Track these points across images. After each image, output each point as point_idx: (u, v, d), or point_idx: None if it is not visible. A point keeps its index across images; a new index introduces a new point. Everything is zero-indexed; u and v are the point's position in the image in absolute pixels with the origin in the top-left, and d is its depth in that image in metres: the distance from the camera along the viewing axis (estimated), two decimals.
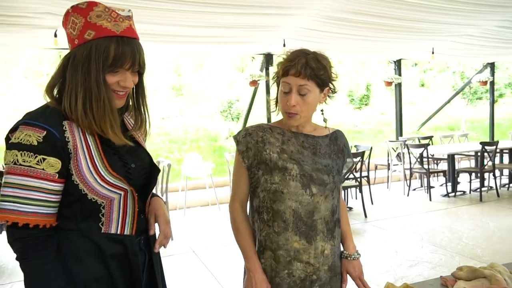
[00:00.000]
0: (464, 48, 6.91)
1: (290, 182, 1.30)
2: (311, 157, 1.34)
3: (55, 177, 1.02)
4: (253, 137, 1.35)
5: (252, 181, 1.38)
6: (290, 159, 1.32)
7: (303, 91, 1.28)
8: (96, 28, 1.04)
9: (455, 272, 1.44)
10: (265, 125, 1.39)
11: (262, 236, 1.37)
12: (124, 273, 1.14)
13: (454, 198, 6.24)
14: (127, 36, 1.06)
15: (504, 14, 5.00)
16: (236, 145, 1.38)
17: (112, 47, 1.04)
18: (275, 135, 1.36)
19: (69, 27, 1.07)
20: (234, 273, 3.65)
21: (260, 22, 5.06)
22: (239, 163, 1.39)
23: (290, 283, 1.32)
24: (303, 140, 1.37)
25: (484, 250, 3.92)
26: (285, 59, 1.32)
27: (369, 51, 6.97)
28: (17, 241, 1.01)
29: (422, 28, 5.50)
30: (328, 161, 1.37)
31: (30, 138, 1.00)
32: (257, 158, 1.34)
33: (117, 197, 1.12)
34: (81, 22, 1.04)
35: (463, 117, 12.96)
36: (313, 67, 1.26)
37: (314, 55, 1.29)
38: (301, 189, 1.31)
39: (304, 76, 1.26)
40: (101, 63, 1.04)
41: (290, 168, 1.31)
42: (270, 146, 1.33)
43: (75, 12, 1.06)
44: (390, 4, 4.48)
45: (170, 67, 12.50)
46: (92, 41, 1.04)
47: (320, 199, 1.33)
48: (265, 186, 1.33)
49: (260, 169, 1.34)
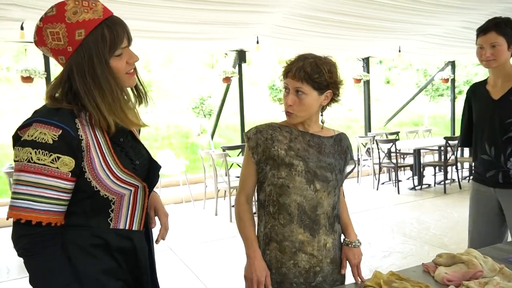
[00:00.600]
0: (428, 47, 7.22)
1: (296, 177, 1.38)
2: (316, 155, 1.42)
3: (68, 176, 1.02)
4: (263, 134, 1.43)
5: (259, 176, 1.46)
6: (297, 156, 1.40)
7: (299, 93, 1.36)
8: (82, 24, 1.01)
9: (435, 259, 1.54)
10: (275, 124, 1.48)
11: (268, 229, 1.43)
12: (131, 267, 1.17)
13: (420, 191, 6.54)
14: (109, 17, 1.05)
15: (465, 15, 5.28)
16: (247, 141, 1.46)
17: (106, 32, 1.03)
18: (283, 133, 1.44)
19: (50, 40, 1.02)
20: (214, 269, 3.68)
21: (234, 19, 5.07)
22: (248, 158, 1.46)
23: (295, 273, 1.39)
24: (309, 139, 1.45)
25: (450, 239, 4.15)
26: (288, 62, 1.40)
27: (339, 48, 7.13)
28: (25, 237, 1.00)
29: (389, 27, 5.71)
30: (331, 160, 1.45)
31: (45, 136, 0.99)
32: (265, 154, 1.42)
33: (127, 193, 1.13)
34: (62, 28, 1.01)
35: (426, 113, 13.53)
36: (307, 71, 1.33)
37: (314, 60, 1.36)
38: (305, 184, 1.39)
39: (299, 79, 1.34)
40: (102, 54, 1.03)
41: (296, 164, 1.39)
42: (278, 143, 1.41)
43: (48, 23, 1.02)
44: (360, 3, 4.62)
45: (139, 62, 12.27)
46: (86, 38, 1.02)
47: (323, 195, 1.41)
48: (272, 180, 1.41)
49: (268, 164, 1.42)
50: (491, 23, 1.98)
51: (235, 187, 5.64)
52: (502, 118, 2.01)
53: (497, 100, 2.05)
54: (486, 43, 1.98)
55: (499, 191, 2.08)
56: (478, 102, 2.17)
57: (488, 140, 2.08)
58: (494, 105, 2.05)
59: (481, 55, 2.02)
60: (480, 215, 2.20)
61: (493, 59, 1.99)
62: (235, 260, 3.83)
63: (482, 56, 2.01)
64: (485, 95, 2.12)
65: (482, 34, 2.00)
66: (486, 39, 1.98)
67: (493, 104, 2.06)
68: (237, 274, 3.50)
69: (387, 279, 1.37)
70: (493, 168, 2.06)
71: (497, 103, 2.04)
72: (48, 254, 1.02)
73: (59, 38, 1.02)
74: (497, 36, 1.96)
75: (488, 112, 2.07)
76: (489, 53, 1.98)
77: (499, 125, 2.02)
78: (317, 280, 1.42)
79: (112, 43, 1.04)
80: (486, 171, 2.10)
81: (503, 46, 1.97)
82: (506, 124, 2.00)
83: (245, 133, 1.50)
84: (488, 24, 1.98)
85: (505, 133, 2.01)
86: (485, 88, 2.13)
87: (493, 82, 2.10)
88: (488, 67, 2.05)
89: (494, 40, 1.96)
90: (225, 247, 4.26)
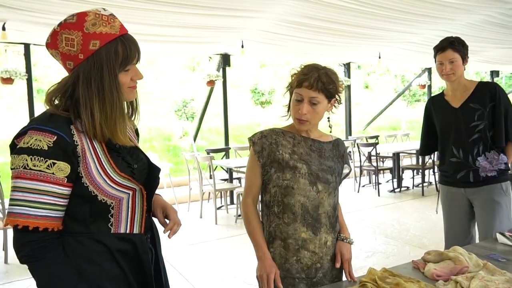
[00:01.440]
0: (407, 53, 7.47)
1: (299, 179, 1.47)
2: (318, 159, 1.52)
3: (64, 181, 1.04)
4: (267, 139, 1.52)
5: (264, 178, 1.54)
6: (300, 159, 1.49)
7: (314, 102, 1.44)
8: (98, 36, 1.05)
9: (424, 256, 1.64)
10: (278, 129, 1.56)
11: (272, 228, 1.51)
12: (135, 271, 1.18)
13: (400, 193, 6.74)
14: (124, 34, 1.10)
15: (440, 25, 5.51)
16: (252, 146, 1.54)
17: (120, 48, 1.07)
18: (286, 138, 1.53)
19: (63, 45, 1.05)
20: (201, 271, 3.70)
21: (220, 23, 5.12)
22: (254, 161, 1.54)
23: (298, 268, 1.47)
24: (311, 144, 1.54)
25: (430, 239, 4.31)
26: (299, 72, 1.47)
27: (323, 54, 7.29)
28: (27, 245, 1.02)
29: (371, 34, 5.88)
30: (331, 163, 1.55)
31: (40, 143, 1.01)
32: (270, 158, 1.50)
33: (125, 197, 1.15)
34: (78, 36, 1.04)
35: (403, 118, 13.90)
36: (324, 81, 1.43)
37: (325, 71, 1.46)
38: (308, 185, 1.48)
39: (316, 89, 1.42)
40: (113, 67, 1.07)
41: (299, 167, 1.48)
42: (282, 147, 1.50)
43: (65, 29, 1.05)
44: (344, 11, 4.76)
45: None
46: (99, 50, 1.05)
47: (325, 196, 1.50)
48: (277, 182, 1.49)
49: (273, 167, 1.51)
50: (447, 42, 2.21)
51: (220, 189, 5.68)
52: (466, 122, 2.25)
53: (458, 108, 2.29)
54: (445, 60, 2.22)
55: (469, 190, 2.29)
56: (440, 112, 2.39)
57: (455, 144, 2.30)
58: (456, 112, 2.29)
59: (441, 70, 2.25)
60: (453, 215, 2.39)
61: (452, 73, 2.23)
62: (222, 262, 3.87)
63: (443, 71, 2.24)
64: (445, 105, 2.35)
65: (440, 51, 2.23)
66: (445, 56, 2.21)
67: (455, 111, 2.30)
68: (224, 275, 3.55)
69: (381, 275, 1.45)
70: (464, 169, 2.27)
71: (459, 110, 2.28)
72: (51, 259, 1.03)
73: (73, 45, 1.05)
74: (454, 53, 2.20)
75: (452, 119, 2.30)
76: (449, 68, 2.22)
77: (465, 129, 2.25)
78: (318, 276, 1.49)
79: (125, 58, 1.08)
80: (457, 173, 2.30)
81: (459, 62, 2.22)
82: (470, 128, 2.24)
83: (249, 138, 1.57)
84: (444, 43, 2.21)
85: (471, 135, 2.25)
86: (444, 99, 2.37)
87: (451, 93, 2.35)
88: (448, 80, 2.29)
89: (452, 57, 2.20)
90: (211, 249, 4.28)
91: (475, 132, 2.24)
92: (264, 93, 11.17)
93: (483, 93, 2.25)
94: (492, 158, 2.23)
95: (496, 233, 1.90)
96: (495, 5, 4.83)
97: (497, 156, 2.23)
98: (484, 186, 2.24)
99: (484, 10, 4.98)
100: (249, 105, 12.35)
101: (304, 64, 1.50)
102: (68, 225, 1.08)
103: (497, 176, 2.23)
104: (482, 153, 2.24)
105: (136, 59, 1.12)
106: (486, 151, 2.24)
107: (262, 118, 12.03)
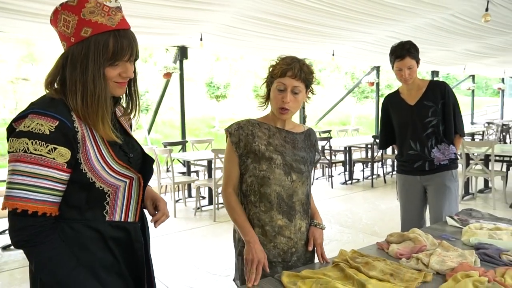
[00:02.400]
0: (358, 52, 7.82)
1: (275, 170, 1.54)
2: (292, 150, 1.59)
3: (64, 167, 1.03)
4: (244, 130, 1.56)
5: (241, 168, 1.58)
6: (275, 150, 1.55)
7: (296, 91, 1.51)
8: (92, 25, 1.04)
9: (387, 238, 1.80)
10: (253, 120, 1.61)
11: (250, 216, 1.57)
12: (128, 260, 1.19)
13: (351, 185, 7.09)
14: (122, 28, 1.08)
15: (391, 26, 5.85)
16: (229, 136, 1.58)
17: (110, 42, 1.06)
18: (262, 130, 1.58)
19: (61, 25, 1.06)
20: (163, 264, 3.69)
21: (179, 15, 5.05)
22: (231, 152, 1.58)
23: (275, 253, 1.55)
24: (285, 135, 1.61)
25: (381, 227, 4.61)
26: (282, 63, 1.53)
27: (279, 49, 7.39)
28: (25, 229, 1.01)
29: (327, 32, 6.10)
30: (304, 154, 1.63)
31: (42, 127, 1.00)
32: (247, 148, 1.55)
33: (122, 185, 1.16)
34: (74, 20, 1.04)
35: (353, 113, 14.53)
36: (306, 71, 1.52)
37: (303, 62, 1.54)
38: (283, 175, 1.55)
39: (299, 78, 1.50)
40: (100, 58, 1.05)
41: (275, 158, 1.54)
42: (258, 139, 1.55)
43: (65, 10, 1.04)
44: (303, 9, 4.89)
45: None
46: (89, 38, 1.04)
47: (298, 185, 1.58)
48: (253, 172, 1.55)
49: (249, 157, 1.55)
50: (405, 50, 2.41)
51: (179, 182, 5.64)
52: (421, 119, 2.48)
53: (414, 105, 2.51)
54: (404, 67, 2.43)
55: (423, 178, 2.54)
56: (397, 110, 2.60)
57: (412, 138, 2.52)
58: (412, 109, 2.52)
59: (401, 76, 2.45)
60: (409, 201, 2.64)
61: (410, 78, 2.44)
62: (184, 254, 3.88)
63: (402, 76, 2.44)
64: (402, 103, 2.57)
65: (399, 59, 2.43)
66: (404, 64, 2.42)
67: (411, 108, 2.52)
68: (188, 267, 3.57)
69: (351, 255, 1.58)
70: (420, 160, 2.51)
71: (414, 108, 2.50)
72: (50, 242, 1.03)
73: (68, 27, 1.05)
74: (411, 60, 2.41)
75: (409, 115, 2.53)
76: (407, 74, 2.43)
77: (420, 125, 2.48)
78: (293, 259, 1.59)
79: (114, 53, 1.06)
80: (414, 163, 2.53)
81: (415, 67, 2.46)
82: (425, 123, 2.48)
83: (226, 129, 1.62)
84: (403, 52, 2.41)
85: (425, 130, 2.48)
86: (400, 97, 2.58)
87: (406, 91, 2.57)
88: (406, 83, 2.51)
89: (410, 64, 2.41)
90: (172, 242, 4.28)
91: (429, 127, 2.47)
92: (220, 87, 11.15)
93: (434, 91, 2.48)
94: (443, 149, 2.48)
95: (446, 217, 2.11)
96: (438, 10, 5.22)
97: (448, 147, 2.48)
98: (437, 173, 2.49)
99: (429, 14, 5.36)
100: (204, 99, 12.27)
101: (281, 56, 1.56)
102: (63, 211, 1.08)
103: (448, 164, 2.49)
104: (435, 146, 2.48)
105: (128, 57, 1.10)
106: (438, 143, 2.48)
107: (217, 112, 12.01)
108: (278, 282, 1.40)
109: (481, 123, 12.67)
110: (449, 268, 1.42)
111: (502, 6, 5.12)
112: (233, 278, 1.70)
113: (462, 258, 1.51)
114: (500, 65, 10.78)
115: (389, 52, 2.48)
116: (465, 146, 5.45)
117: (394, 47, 2.45)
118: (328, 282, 1.32)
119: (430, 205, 2.56)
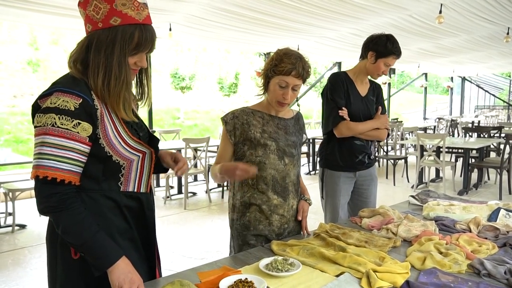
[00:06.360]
0: (322, 48, 8.11)
1: (270, 155, 1.68)
2: (284, 136, 1.73)
3: (86, 140, 1.14)
4: (239, 119, 1.69)
5: (238, 155, 1.72)
6: (270, 137, 1.69)
7: (295, 88, 1.65)
8: (122, 16, 1.14)
9: (359, 213, 2.02)
10: (247, 109, 1.73)
11: (247, 197, 1.71)
12: (139, 227, 1.32)
13: (315, 175, 7.40)
14: (147, 24, 1.20)
15: (355, 24, 6.15)
16: (224, 125, 1.71)
17: (136, 34, 1.16)
18: (256, 118, 1.71)
19: (91, 9, 1.15)
20: None
21: (148, 4, 5.02)
22: (226, 139, 1.72)
23: (270, 230, 1.71)
24: (278, 122, 1.75)
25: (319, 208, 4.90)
26: (287, 61, 1.59)
27: (247, 42, 7.56)
28: (54, 196, 1.10)
29: (293, 27, 6.30)
30: (294, 138, 1.78)
31: (67, 104, 1.10)
32: (243, 136, 1.68)
33: (136, 159, 1.27)
34: (106, 7, 1.13)
35: (315, 107, 14.96)
36: (306, 70, 1.64)
37: (305, 60, 1.64)
38: (277, 160, 1.70)
39: (301, 78, 1.63)
40: (125, 47, 1.16)
41: (269, 145, 1.68)
42: (253, 127, 1.68)
43: None
44: (271, 2, 5.03)
45: (25, 38, 10.93)
46: (117, 27, 1.14)
47: (290, 167, 1.74)
48: (250, 158, 1.68)
49: (245, 145, 1.69)
50: (399, 51, 2.35)
51: None
52: (368, 111, 2.46)
53: (364, 97, 2.46)
54: (392, 64, 2.37)
55: (360, 173, 2.49)
56: (353, 96, 2.44)
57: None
58: (362, 101, 2.45)
59: (381, 72, 2.38)
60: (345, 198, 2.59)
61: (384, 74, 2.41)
62: (157, 240, 3.94)
63: (381, 73, 2.38)
64: (356, 91, 2.45)
65: (394, 57, 2.36)
66: (393, 62, 2.37)
67: (362, 100, 2.45)
68: (163, 251, 3.65)
69: (330, 227, 1.77)
70: (363, 152, 2.46)
71: (364, 100, 2.46)
72: (76, 208, 1.13)
73: (98, 12, 1.14)
74: (393, 60, 2.36)
75: (360, 107, 2.44)
76: (386, 71, 2.41)
77: (368, 117, 2.45)
78: (284, 234, 1.76)
79: (138, 44, 1.17)
80: (356, 156, 2.45)
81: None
82: (369, 117, 2.45)
83: (221, 118, 1.74)
84: (400, 51, 2.35)
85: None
86: (354, 84, 2.45)
87: (360, 81, 2.47)
88: (375, 78, 2.47)
89: (393, 63, 2.36)
90: None
91: None
92: (185, 78, 11.10)
93: (374, 90, 2.54)
94: (373, 145, 2.57)
95: (408, 196, 2.37)
96: (397, 10, 5.56)
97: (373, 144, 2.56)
98: (370, 168, 2.56)
99: (389, 13, 5.69)
100: (169, 90, 12.16)
101: (283, 51, 1.63)
102: (82, 182, 1.17)
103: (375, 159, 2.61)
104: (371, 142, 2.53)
105: (148, 49, 1.21)
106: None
107: (182, 103, 11.95)
108: (269, 251, 1.57)
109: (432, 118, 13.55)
110: (414, 235, 1.65)
111: (454, 10, 5.56)
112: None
113: (425, 227, 1.74)
114: (450, 64, 11.57)
115: (374, 44, 2.36)
116: (419, 138, 5.89)
117: (392, 45, 2.33)
118: (313, 248, 1.50)
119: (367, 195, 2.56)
